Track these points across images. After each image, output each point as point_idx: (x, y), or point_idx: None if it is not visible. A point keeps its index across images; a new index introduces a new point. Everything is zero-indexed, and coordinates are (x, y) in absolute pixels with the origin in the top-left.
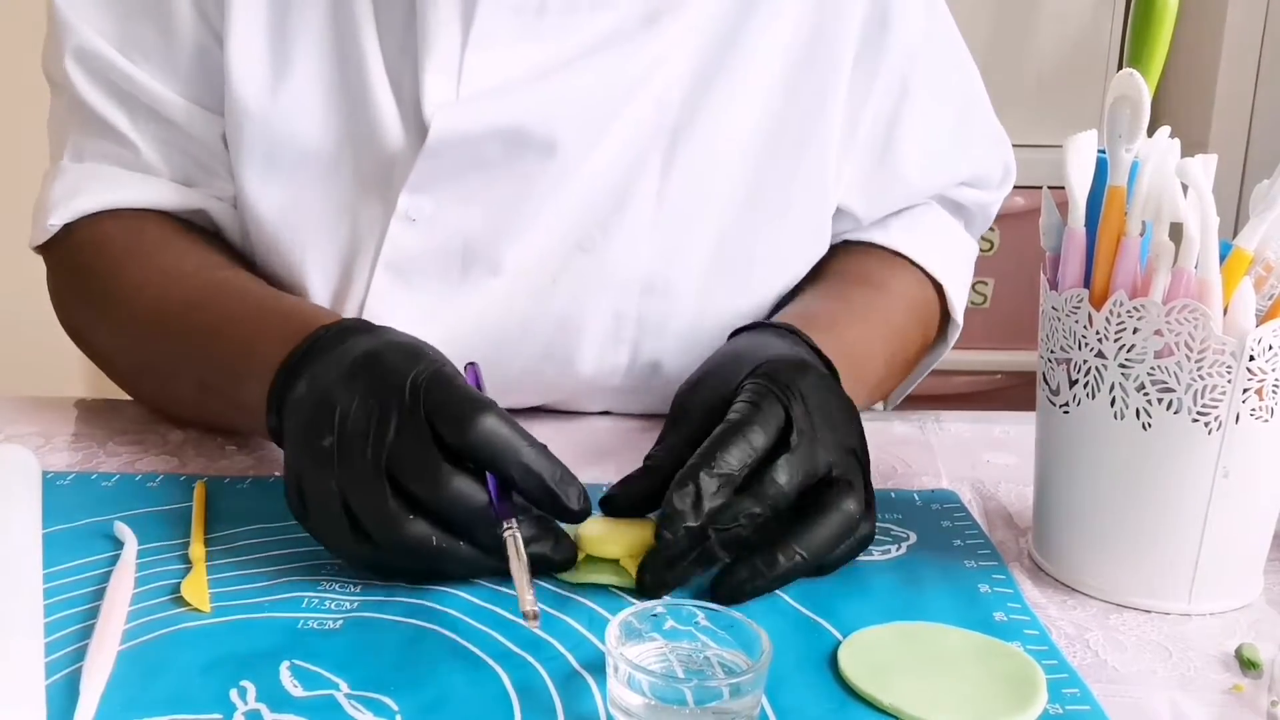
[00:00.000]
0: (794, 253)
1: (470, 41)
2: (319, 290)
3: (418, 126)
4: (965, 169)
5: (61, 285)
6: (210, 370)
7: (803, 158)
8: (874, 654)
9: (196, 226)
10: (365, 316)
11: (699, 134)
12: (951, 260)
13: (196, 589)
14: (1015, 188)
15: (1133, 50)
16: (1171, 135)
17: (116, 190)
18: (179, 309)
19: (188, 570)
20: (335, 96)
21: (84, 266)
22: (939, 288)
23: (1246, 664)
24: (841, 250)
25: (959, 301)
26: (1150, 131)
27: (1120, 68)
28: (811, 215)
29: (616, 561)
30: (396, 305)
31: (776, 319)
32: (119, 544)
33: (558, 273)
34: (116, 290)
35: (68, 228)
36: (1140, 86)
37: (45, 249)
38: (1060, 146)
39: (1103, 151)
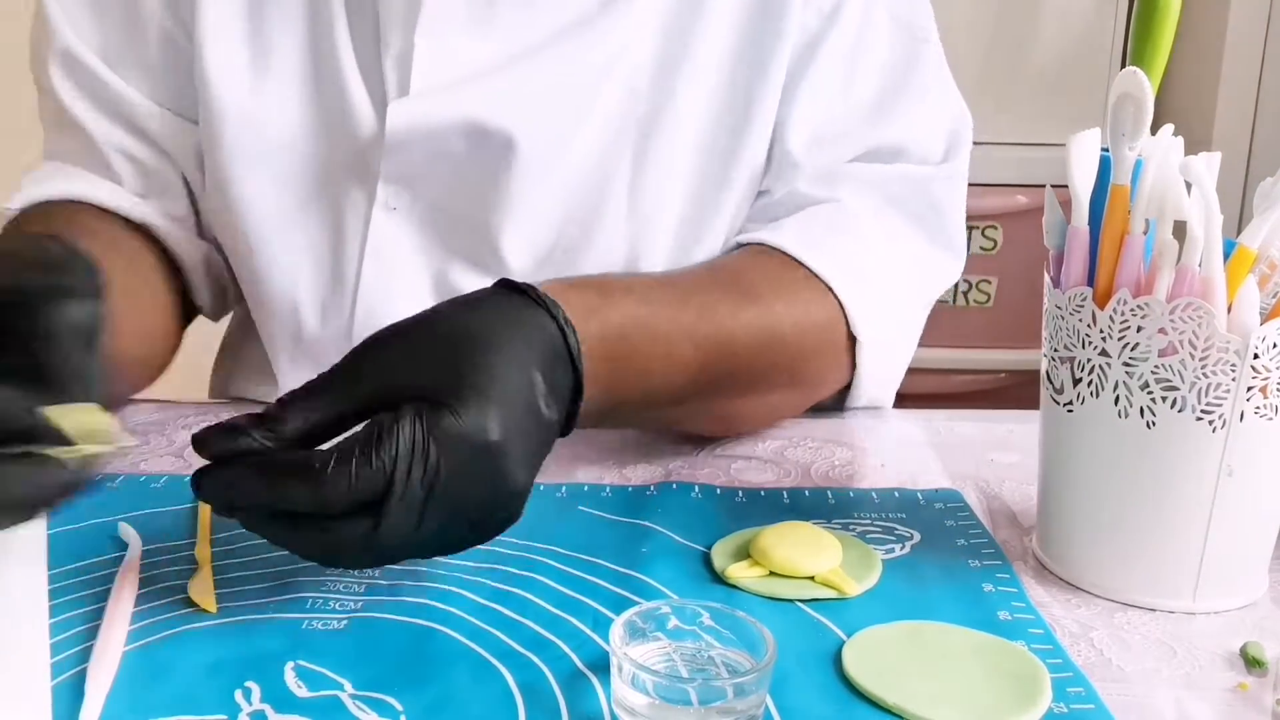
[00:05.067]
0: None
1: (419, 31)
2: (311, 283)
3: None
4: (868, 142)
5: None
6: None
7: (750, 126)
8: (878, 653)
9: (137, 230)
10: (359, 309)
11: (667, 120)
12: (847, 259)
13: (203, 590)
14: (1019, 186)
15: (1135, 48)
16: (1175, 133)
17: (71, 183)
18: None
19: (192, 571)
20: (311, 89)
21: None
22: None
23: (1251, 662)
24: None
25: (857, 312)
26: (1153, 129)
27: (1123, 66)
28: (756, 185)
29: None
30: (388, 297)
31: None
32: (124, 545)
33: (540, 275)
34: None
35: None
36: (1143, 84)
37: None
38: (1063, 145)
39: (1106, 150)
